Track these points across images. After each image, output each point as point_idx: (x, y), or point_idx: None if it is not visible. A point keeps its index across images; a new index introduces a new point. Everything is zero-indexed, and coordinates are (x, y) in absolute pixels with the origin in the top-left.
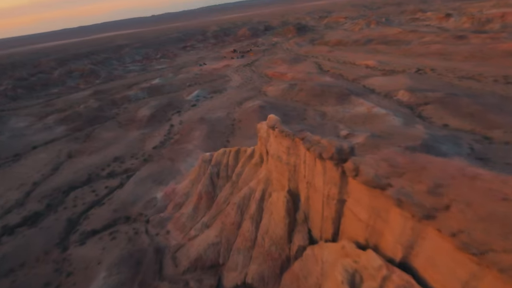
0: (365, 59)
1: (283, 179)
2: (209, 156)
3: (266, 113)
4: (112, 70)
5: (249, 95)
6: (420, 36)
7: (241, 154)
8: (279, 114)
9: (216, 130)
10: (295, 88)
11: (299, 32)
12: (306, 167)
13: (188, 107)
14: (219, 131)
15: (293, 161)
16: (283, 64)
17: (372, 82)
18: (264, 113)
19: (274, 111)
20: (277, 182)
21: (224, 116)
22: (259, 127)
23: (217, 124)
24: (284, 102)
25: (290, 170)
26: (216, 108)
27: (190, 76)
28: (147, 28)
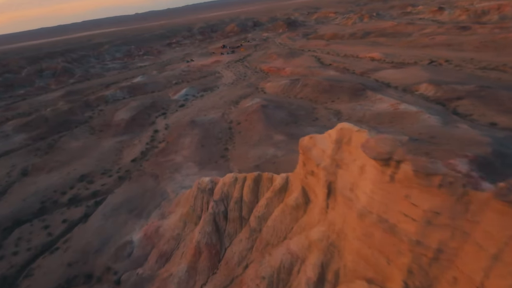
0: (368, 52)
1: (384, 265)
2: (209, 184)
3: (270, 113)
4: (89, 68)
5: (246, 93)
6: (420, 28)
7: (264, 183)
8: (284, 114)
9: (211, 136)
10: (298, 83)
11: (290, 27)
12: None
13: (176, 107)
14: (214, 137)
15: (443, 238)
16: (278, 58)
17: (383, 75)
18: (268, 113)
19: (278, 110)
20: (362, 264)
21: (219, 117)
22: (304, 143)
23: (212, 128)
24: (288, 100)
25: (421, 253)
26: (208, 108)
27: (176, 73)
28: (130, 26)
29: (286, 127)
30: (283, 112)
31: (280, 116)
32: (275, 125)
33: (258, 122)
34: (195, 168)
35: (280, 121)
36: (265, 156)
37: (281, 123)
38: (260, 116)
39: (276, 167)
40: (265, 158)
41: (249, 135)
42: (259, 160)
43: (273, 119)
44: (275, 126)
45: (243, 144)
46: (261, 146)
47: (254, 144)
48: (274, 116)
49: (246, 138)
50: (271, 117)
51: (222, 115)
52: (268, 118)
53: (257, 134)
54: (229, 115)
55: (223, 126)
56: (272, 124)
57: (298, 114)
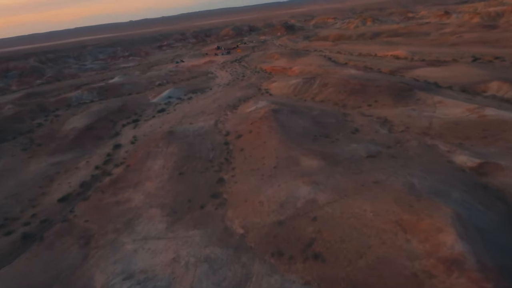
0: (388, 50)
1: None
2: None
3: (286, 122)
4: (63, 68)
5: (246, 94)
6: (437, 28)
7: None
8: (307, 122)
9: (196, 156)
10: (314, 83)
11: (289, 31)
12: None
13: (153, 113)
14: (201, 158)
15: None
16: (281, 58)
17: (421, 73)
18: (283, 122)
19: (297, 117)
20: None
21: (211, 127)
22: None
23: (198, 144)
24: (304, 103)
25: None
26: (196, 114)
27: (162, 73)
28: (124, 33)
29: (315, 143)
30: (305, 120)
31: (301, 125)
32: (298, 139)
33: (271, 135)
34: (162, 222)
35: (303, 133)
36: (294, 202)
37: (307, 137)
38: (273, 126)
39: (319, 229)
40: (294, 207)
41: (258, 156)
42: (282, 211)
43: (293, 130)
44: (299, 141)
45: (249, 173)
46: (283, 178)
47: (268, 173)
48: (294, 126)
49: (254, 161)
50: (290, 127)
51: (215, 124)
52: (285, 129)
53: (272, 154)
54: (224, 124)
55: (216, 140)
56: (293, 138)
57: (326, 123)
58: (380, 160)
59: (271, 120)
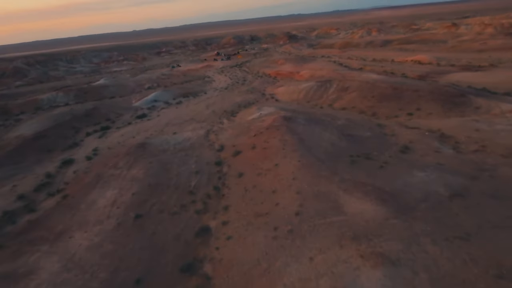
0: (408, 56)
1: None
2: None
3: (305, 134)
4: (50, 70)
5: (247, 99)
6: (454, 35)
7: None
8: (334, 136)
9: (170, 185)
10: (331, 87)
11: (291, 40)
12: None
13: (130, 119)
14: (177, 189)
15: None
16: (286, 63)
17: (459, 79)
18: (301, 134)
19: (318, 127)
20: None
21: (199, 138)
22: None
23: (177, 164)
24: (321, 111)
25: None
26: (183, 121)
27: (153, 77)
28: (126, 42)
29: (355, 168)
30: (331, 132)
31: (328, 139)
32: (328, 161)
33: (286, 153)
34: None
35: (334, 151)
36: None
37: (340, 158)
38: (287, 140)
39: None
40: None
41: (266, 188)
42: None
43: (318, 146)
44: (331, 164)
45: (252, 221)
46: (317, 241)
47: (287, 225)
48: (317, 140)
49: (260, 196)
50: (312, 141)
51: (205, 135)
52: (305, 145)
53: (289, 186)
54: (218, 135)
55: (205, 157)
56: (321, 160)
57: (360, 136)
58: (475, 203)
59: (283, 131)
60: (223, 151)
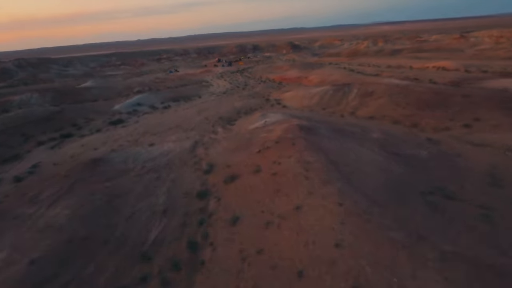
0: (426, 63)
1: None
2: None
3: (328, 151)
4: (40, 73)
5: (248, 105)
6: (471, 44)
7: None
8: (378, 156)
9: (109, 241)
10: (351, 91)
11: (295, 49)
12: None
13: (102, 125)
14: (117, 249)
15: None
16: (292, 69)
17: (505, 85)
18: (325, 151)
19: (350, 141)
20: None
21: (182, 153)
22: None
23: (134, 197)
24: (342, 119)
25: None
26: (166, 129)
27: (146, 80)
28: (129, 50)
29: (445, 221)
30: (371, 151)
31: (372, 163)
32: (393, 207)
33: (311, 185)
34: None
35: (389, 185)
36: None
37: (406, 198)
38: (311, 161)
39: None
40: None
41: (285, 264)
42: None
43: (361, 174)
44: (400, 214)
45: None
46: None
47: None
48: (357, 164)
49: (274, 280)
50: (350, 166)
51: (191, 148)
52: (341, 171)
53: (335, 265)
54: (208, 149)
55: (183, 184)
56: (382, 205)
57: (412, 157)
58: None
59: (302, 146)
60: (212, 174)
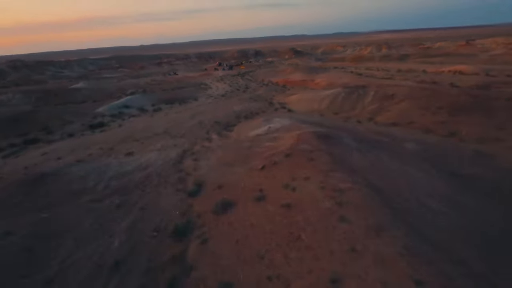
0: (439, 67)
1: None
2: None
3: (364, 172)
4: (34, 74)
5: (249, 109)
6: (482, 50)
7: None
8: (438, 181)
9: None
10: (367, 94)
11: (297, 55)
12: None
13: (80, 128)
14: None
15: None
16: (296, 72)
17: None
18: (359, 172)
19: (384, 155)
20: None
21: (164, 167)
22: None
23: (73, 240)
24: (361, 126)
25: None
26: (150, 135)
27: (141, 82)
28: (129, 54)
29: None
30: (423, 172)
31: (434, 192)
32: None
33: (353, 236)
34: None
35: (475, 234)
36: None
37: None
38: (345, 189)
39: None
40: None
41: None
42: None
43: (429, 214)
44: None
45: None
46: None
47: None
48: (414, 194)
49: None
50: (408, 201)
51: (177, 159)
52: (394, 208)
53: None
54: (199, 161)
55: (156, 215)
56: (478, 277)
57: (478, 180)
58: None
59: (325, 163)
60: (200, 198)
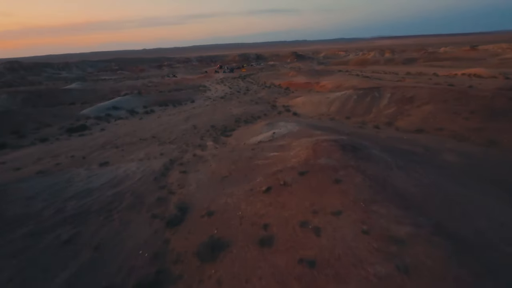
0: (453, 70)
1: None
2: None
3: (423, 202)
4: (30, 76)
5: (250, 112)
6: (491, 54)
7: None
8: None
9: None
10: (382, 96)
11: (299, 58)
12: None
13: (57, 132)
14: None
15: None
16: (299, 75)
17: None
18: (414, 203)
19: (432, 172)
20: None
21: (143, 181)
22: None
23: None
24: (381, 132)
25: None
26: (134, 141)
27: (138, 84)
28: (133, 57)
29: None
30: (496, 201)
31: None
32: None
33: None
34: None
35: None
36: None
37: None
38: (406, 237)
39: None
40: None
41: None
42: None
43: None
44: None
45: None
46: None
47: None
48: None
49: None
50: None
51: (161, 171)
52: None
53: None
54: (187, 175)
55: (115, 263)
56: None
57: None
58: None
59: (360, 186)
60: (181, 228)
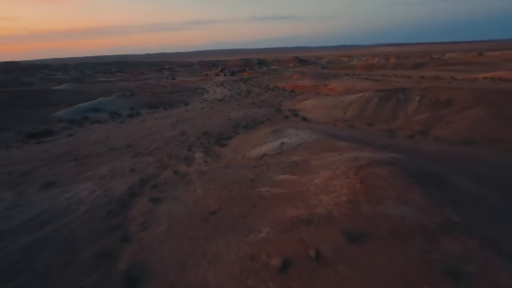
0: (471, 74)
1: None
2: None
3: None
4: (24, 77)
5: (251, 116)
6: (505, 59)
7: None
8: None
9: None
10: (409, 99)
11: (302, 63)
12: None
13: (13, 138)
14: None
15: None
16: (304, 78)
17: None
18: None
19: None
20: None
21: (89, 219)
22: None
23: None
24: (421, 145)
25: None
26: (102, 151)
27: (132, 85)
28: (135, 61)
29: None
30: None
31: None
32: None
33: None
34: None
35: None
36: None
37: None
38: None
39: None
40: None
41: None
42: None
43: None
44: None
45: None
46: None
47: None
48: None
49: None
50: None
51: (121, 202)
52: None
53: None
54: (160, 205)
55: None
56: None
57: None
58: None
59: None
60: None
